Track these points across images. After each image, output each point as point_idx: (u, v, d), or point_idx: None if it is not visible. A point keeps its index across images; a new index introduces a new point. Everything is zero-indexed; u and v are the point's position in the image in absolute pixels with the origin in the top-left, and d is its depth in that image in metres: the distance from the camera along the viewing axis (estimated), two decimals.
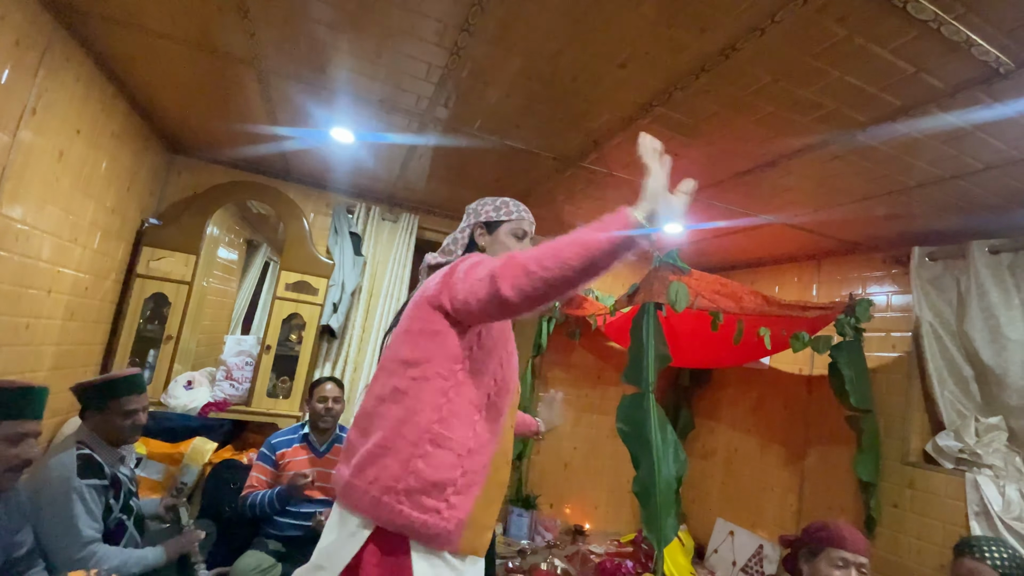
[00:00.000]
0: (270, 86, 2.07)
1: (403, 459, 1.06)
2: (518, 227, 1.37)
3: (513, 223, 1.37)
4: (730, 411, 3.89)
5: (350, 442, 1.18)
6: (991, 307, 2.38)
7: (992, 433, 2.35)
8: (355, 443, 1.16)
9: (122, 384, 1.79)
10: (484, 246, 1.36)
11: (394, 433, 1.09)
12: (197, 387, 2.91)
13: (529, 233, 1.40)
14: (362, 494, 1.07)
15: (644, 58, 1.58)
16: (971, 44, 1.31)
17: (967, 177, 2.02)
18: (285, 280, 3.05)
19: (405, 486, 1.05)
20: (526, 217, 1.40)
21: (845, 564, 1.40)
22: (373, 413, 1.15)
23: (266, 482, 2.21)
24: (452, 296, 1.11)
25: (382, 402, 1.14)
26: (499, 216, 1.37)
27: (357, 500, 1.08)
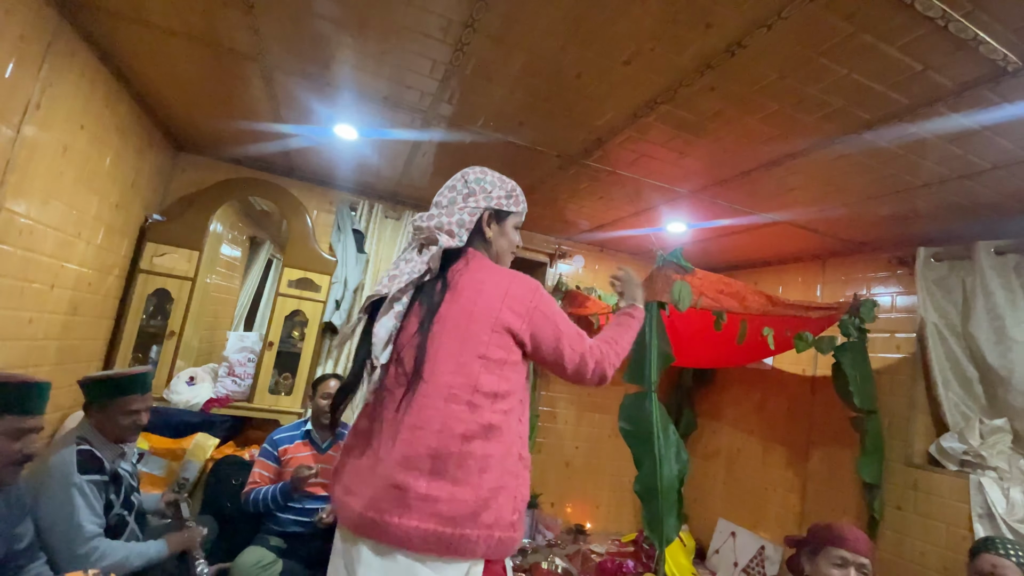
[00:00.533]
0: (274, 82, 2.07)
1: (512, 493, 1.08)
2: (521, 220, 1.31)
3: (519, 216, 1.30)
4: (733, 411, 3.87)
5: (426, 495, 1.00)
6: (997, 308, 2.37)
7: (996, 435, 2.33)
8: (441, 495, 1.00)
9: (129, 382, 1.79)
10: (491, 237, 1.25)
11: (501, 471, 1.06)
12: (199, 383, 2.91)
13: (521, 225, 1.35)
14: (479, 541, 1.01)
15: (649, 55, 1.57)
16: (979, 42, 1.30)
17: (973, 177, 2.01)
18: (288, 277, 3.05)
19: (518, 516, 1.09)
20: (527, 209, 1.34)
21: (844, 563, 1.39)
22: (460, 454, 1.02)
23: (268, 478, 2.22)
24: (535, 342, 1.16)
25: (470, 441, 1.03)
26: (510, 207, 1.27)
27: (472, 548, 1.01)
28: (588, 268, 4.08)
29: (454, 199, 1.24)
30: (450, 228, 1.18)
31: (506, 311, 1.11)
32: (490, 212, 1.24)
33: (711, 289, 2.54)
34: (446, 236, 1.17)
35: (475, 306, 1.11)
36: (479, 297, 1.12)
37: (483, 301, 1.11)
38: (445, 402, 1.05)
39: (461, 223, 1.20)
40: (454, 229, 1.19)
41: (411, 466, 1.02)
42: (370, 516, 1.01)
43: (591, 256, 4.10)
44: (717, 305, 2.48)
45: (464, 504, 1.01)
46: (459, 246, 1.18)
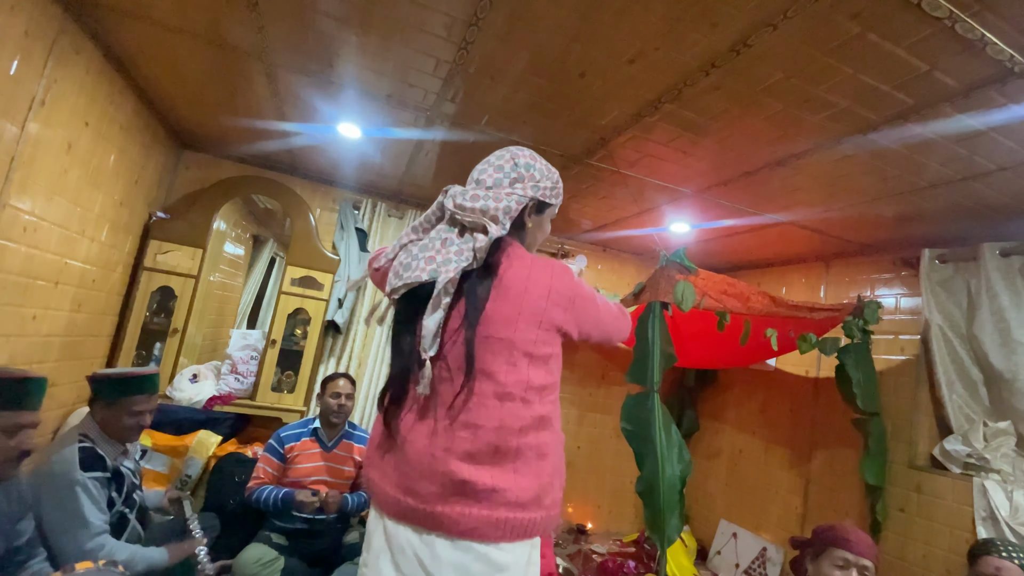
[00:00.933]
0: (278, 80, 2.07)
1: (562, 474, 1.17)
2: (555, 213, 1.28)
3: (556, 209, 1.25)
4: (735, 412, 3.86)
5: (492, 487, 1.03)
6: (1002, 310, 2.35)
7: (1000, 438, 2.32)
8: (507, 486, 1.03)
9: (139, 383, 1.80)
10: (530, 226, 1.19)
11: (556, 456, 1.14)
12: (202, 380, 2.92)
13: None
14: (541, 521, 1.09)
15: (653, 54, 1.57)
16: (986, 43, 1.29)
17: (979, 178, 2.00)
18: (291, 275, 3.05)
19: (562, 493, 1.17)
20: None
21: (846, 564, 1.40)
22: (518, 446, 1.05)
23: (272, 474, 2.22)
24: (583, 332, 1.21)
25: (526, 433, 1.06)
26: (551, 199, 1.21)
27: (536, 528, 1.08)
28: (591, 267, 4.08)
29: (500, 181, 1.16)
30: (495, 214, 1.10)
31: (552, 308, 1.11)
32: (535, 201, 1.18)
33: (714, 289, 2.53)
34: (492, 224, 1.09)
35: (523, 304, 1.08)
36: (526, 295, 1.09)
37: (530, 300, 1.08)
38: (500, 400, 1.06)
39: (508, 211, 1.12)
40: (499, 216, 1.11)
41: (475, 462, 1.04)
42: (438, 510, 1.03)
43: (594, 256, 4.09)
44: (720, 306, 2.47)
45: (528, 491, 1.06)
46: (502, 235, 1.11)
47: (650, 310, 2.54)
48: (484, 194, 1.13)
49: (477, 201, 1.11)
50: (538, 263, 1.13)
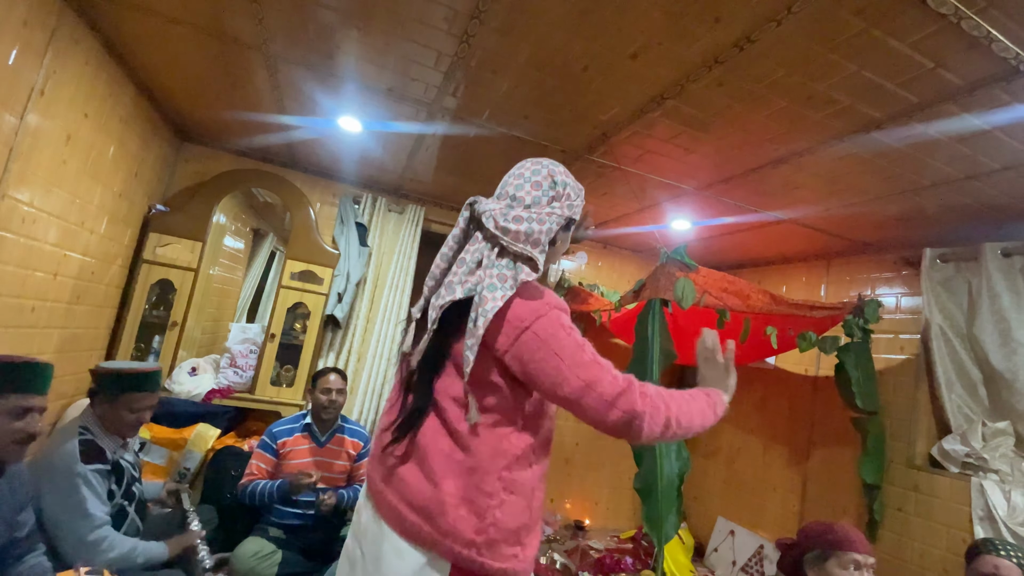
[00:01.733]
0: (278, 73, 2.06)
1: (480, 511, 1.00)
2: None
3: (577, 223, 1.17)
4: (734, 410, 3.82)
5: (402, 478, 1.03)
6: (1002, 310, 2.35)
7: (999, 438, 2.32)
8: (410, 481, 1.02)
9: (140, 379, 1.80)
10: (558, 244, 1.15)
11: (466, 483, 1.01)
12: (201, 373, 2.92)
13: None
14: (436, 542, 0.99)
15: (656, 49, 1.56)
16: (991, 40, 1.28)
17: (982, 178, 1.99)
18: (290, 269, 3.05)
19: (485, 539, 1.00)
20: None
21: (858, 566, 1.39)
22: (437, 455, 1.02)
23: (266, 470, 2.22)
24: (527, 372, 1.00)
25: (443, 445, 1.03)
26: (576, 215, 1.14)
27: (430, 544, 1.00)
28: (591, 264, 4.07)
29: (539, 199, 1.08)
30: (538, 238, 1.05)
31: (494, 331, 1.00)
32: (567, 220, 1.11)
33: (715, 287, 2.53)
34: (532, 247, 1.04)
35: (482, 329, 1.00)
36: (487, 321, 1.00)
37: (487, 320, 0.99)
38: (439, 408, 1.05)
39: (550, 233, 1.06)
40: (542, 239, 1.05)
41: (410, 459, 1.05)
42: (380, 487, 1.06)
43: (594, 253, 4.08)
44: (720, 303, 2.47)
45: (428, 502, 1.00)
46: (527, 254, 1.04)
47: (650, 307, 2.53)
48: (527, 216, 1.05)
49: (521, 224, 1.03)
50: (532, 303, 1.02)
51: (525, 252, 1.03)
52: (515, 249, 1.03)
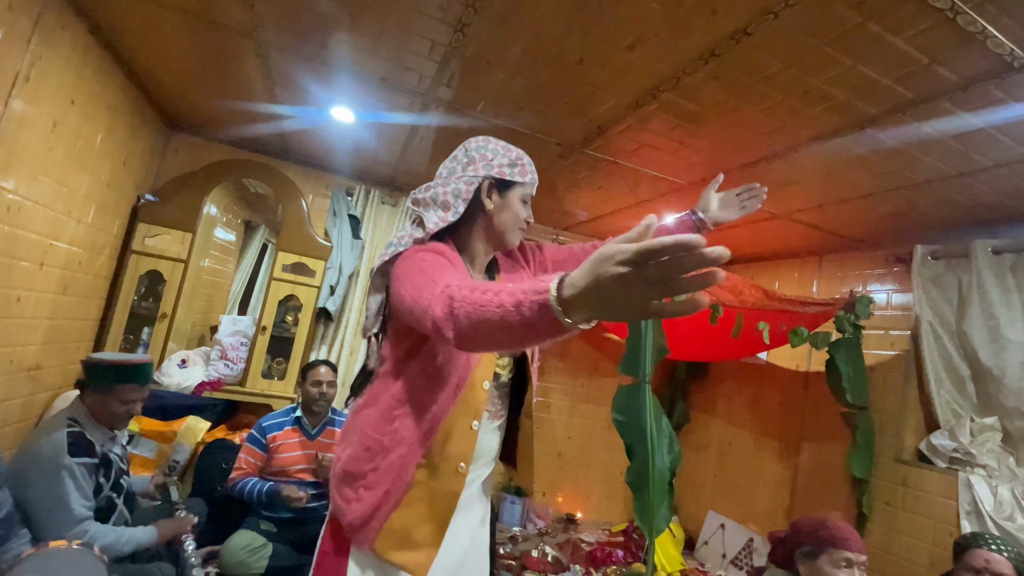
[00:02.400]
0: (269, 61, 2.03)
1: (341, 449, 1.14)
2: (529, 192, 1.16)
3: (527, 187, 1.16)
4: (726, 405, 3.89)
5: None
6: (992, 307, 2.37)
7: (986, 433, 2.35)
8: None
9: (131, 371, 1.79)
10: (490, 210, 1.12)
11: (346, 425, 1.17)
12: (191, 366, 2.90)
13: (529, 198, 1.18)
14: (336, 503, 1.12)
15: (653, 40, 1.54)
16: (987, 36, 1.28)
17: (974, 175, 2.00)
18: (282, 261, 3.02)
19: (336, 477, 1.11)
20: (534, 184, 1.18)
21: (849, 564, 1.40)
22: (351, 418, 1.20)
23: (255, 464, 2.20)
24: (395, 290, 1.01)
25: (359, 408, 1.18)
26: (514, 176, 1.13)
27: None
28: None
29: (453, 169, 1.16)
30: (445, 199, 1.10)
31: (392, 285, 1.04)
32: (491, 181, 1.12)
33: None
34: (440, 209, 1.10)
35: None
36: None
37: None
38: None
39: (457, 193, 1.10)
40: (449, 200, 1.10)
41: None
42: None
43: None
44: (713, 298, 2.47)
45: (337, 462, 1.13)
46: (453, 220, 1.09)
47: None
48: (435, 183, 1.15)
49: (427, 192, 1.14)
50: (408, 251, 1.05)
51: (419, 213, 1.13)
52: (416, 212, 1.15)
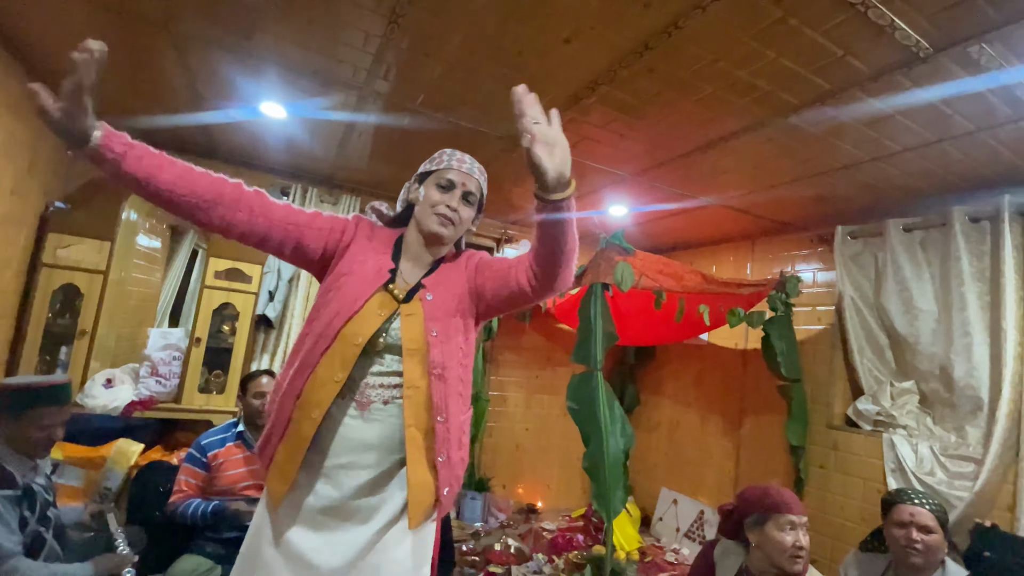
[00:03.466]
0: (189, 53, 1.90)
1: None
2: (442, 177, 1.19)
3: (439, 172, 1.20)
4: (673, 386, 4.05)
5: None
6: (905, 281, 2.59)
7: (905, 396, 2.57)
8: None
9: (47, 393, 1.63)
10: (413, 199, 1.23)
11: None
12: (118, 385, 2.68)
13: (457, 184, 1.18)
14: None
15: (589, 33, 1.56)
16: (895, 28, 1.38)
17: (885, 159, 2.17)
18: (215, 268, 2.85)
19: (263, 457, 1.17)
20: (455, 166, 1.19)
21: (793, 527, 1.49)
22: None
23: (196, 485, 2.06)
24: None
25: None
26: (430, 167, 1.22)
27: None
28: None
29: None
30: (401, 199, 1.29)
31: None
32: (416, 177, 1.25)
33: (651, 269, 2.61)
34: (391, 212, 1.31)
35: None
36: None
37: None
38: None
39: (405, 190, 1.28)
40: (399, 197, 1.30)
41: None
42: None
43: None
44: (657, 285, 2.56)
45: None
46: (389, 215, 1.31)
47: (592, 291, 2.58)
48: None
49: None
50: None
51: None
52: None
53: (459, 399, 1.16)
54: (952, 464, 2.30)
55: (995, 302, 2.27)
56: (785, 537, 1.49)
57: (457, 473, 1.16)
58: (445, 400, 1.11)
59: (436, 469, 1.10)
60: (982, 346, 2.29)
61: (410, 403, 1.09)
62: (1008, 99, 1.65)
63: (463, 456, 1.19)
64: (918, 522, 1.63)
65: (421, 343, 1.10)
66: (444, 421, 1.11)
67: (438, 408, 1.10)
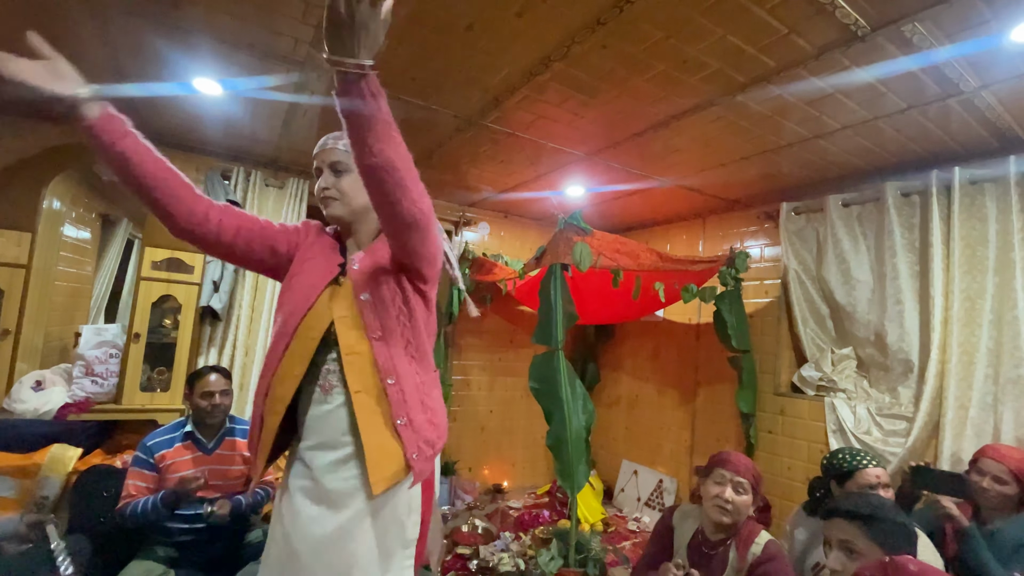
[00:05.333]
0: (110, 24, 1.73)
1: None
2: (318, 164, 1.22)
3: (315, 161, 1.23)
4: (631, 361, 4.15)
5: None
6: (843, 253, 2.73)
7: (844, 362, 2.73)
8: None
9: None
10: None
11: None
12: (49, 387, 2.49)
13: (321, 164, 1.21)
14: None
15: (541, 7, 1.53)
16: (836, 7, 1.42)
17: (826, 136, 2.26)
18: (151, 258, 2.66)
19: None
20: (315, 152, 1.23)
21: (723, 480, 1.64)
22: None
23: (146, 488, 1.95)
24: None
25: None
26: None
27: None
28: (494, 235, 4.06)
29: None
30: None
31: None
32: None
33: (608, 249, 2.64)
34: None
35: None
36: None
37: None
38: None
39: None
40: None
41: None
42: None
43: (496, 222, 4.07)
44: (614, 264, 2.59)
45: None
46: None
47: (552, 272, 2.59)
48: None
49: None
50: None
51: None
52: None
53: (411, 361, 1.15)
54: (886, 423, 2.48)
55: (924, 271, 2.43)
56: (712, 489, 1.63)
57: (426, 436, 1.13)
58: (392, 362, 1.12)
59: (398, 433, 1.10)
60: (912, 313, 2.46)
61: (351, 368, 1.10)
62: (937, 78, 1.74)
63: (432, 420, 1.16)
64: (883, 482, 1.73)
65: (353, 310, 1.12)
66: (395, 383, 1.11)
67: (385, 371, 1.11)
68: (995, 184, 2.24)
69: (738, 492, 1.61)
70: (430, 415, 1.16)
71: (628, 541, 3.21)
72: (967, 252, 2.29)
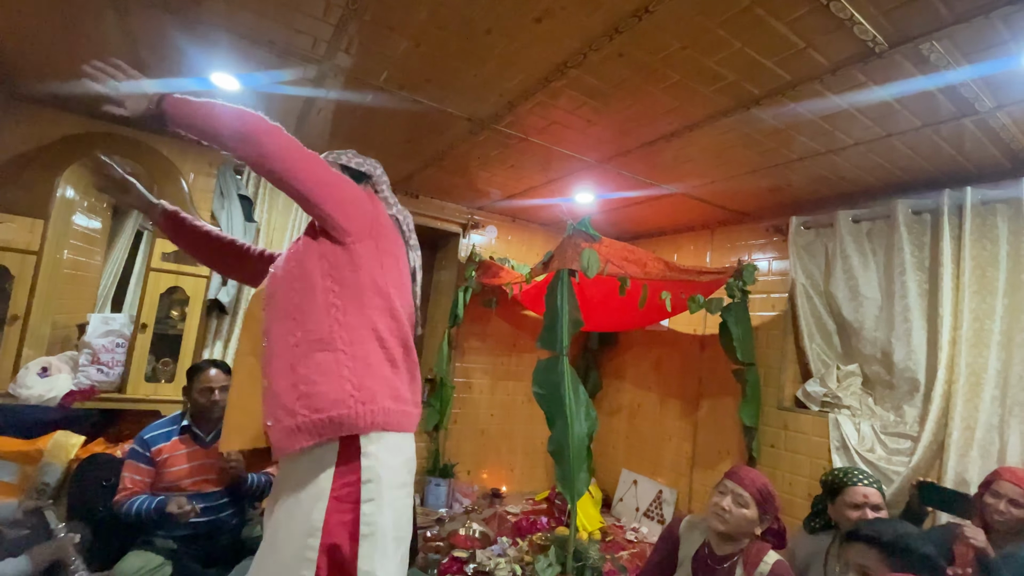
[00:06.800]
0: (131, 16, 1.75)
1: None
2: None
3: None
4: (634, 370, 4.14)
5: None
6: (852, 269, 2.72)
7: (850, 379, 2.72)
8: None
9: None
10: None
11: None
12: (55, 374, 2.51)
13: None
14: None
15: (560, 13, 1.54)
16: (854, 22, 1.42)
17: (839, 152, 2.25)
18: (162, 249, 2.68)
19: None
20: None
21: (726, 491, 1.66)
22: None
23: (143, 482, 1.95)
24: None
25: None
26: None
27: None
28: (501, 238, 4.07)
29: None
30: None
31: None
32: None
33: (616, 256, 2.64)
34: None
35: None
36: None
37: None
38: None
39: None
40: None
41: None
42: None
43: (503, 226, 4.08)
44: (622, 271, 2.59)
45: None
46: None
47: (559, 278, 2.59)
48: None
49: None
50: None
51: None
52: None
53: (289, 322, 1.09)
54: (891, 441, 2.46)
55: (933, 290, 2.42)
56: (714, 497, 1.67)
57: (285, 403, 1.03)
58: (270, 325, 1.12)
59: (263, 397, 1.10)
60: (920, 331, 2.44)
61: (246, 333, 1.19)
62: (952, 97, 1.74)
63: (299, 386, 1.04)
64: (872, 502, 1.71)
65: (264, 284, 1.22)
66: (268, 345, 1.11)
67: (265, 333, 1.12)
68: (1007, 205, 2.23)
69: (737, 504, 1.60)
70: (297, 380, 1.04)
71: (626, 551, 3.19)
72: (977, 272, 2.28)
